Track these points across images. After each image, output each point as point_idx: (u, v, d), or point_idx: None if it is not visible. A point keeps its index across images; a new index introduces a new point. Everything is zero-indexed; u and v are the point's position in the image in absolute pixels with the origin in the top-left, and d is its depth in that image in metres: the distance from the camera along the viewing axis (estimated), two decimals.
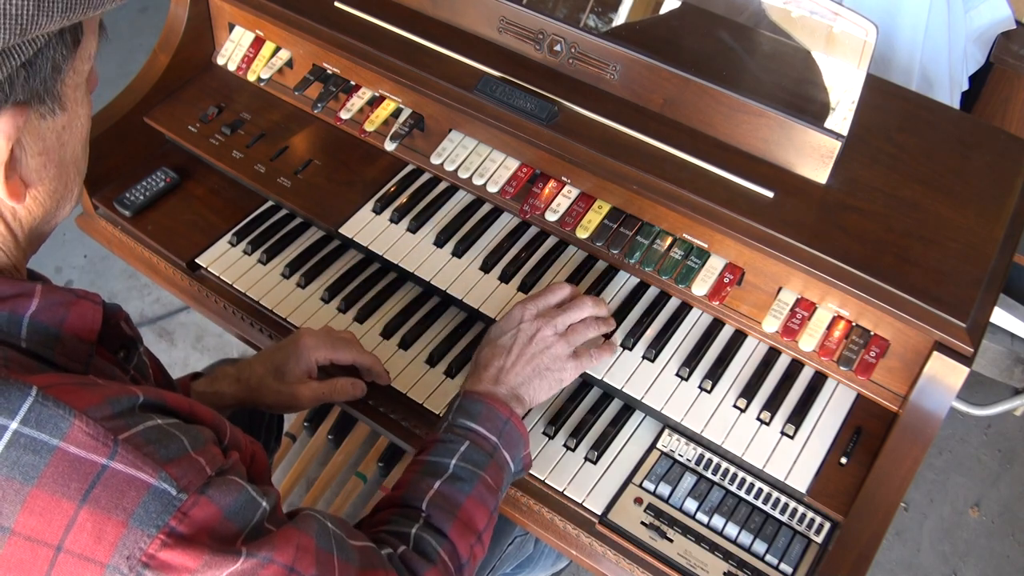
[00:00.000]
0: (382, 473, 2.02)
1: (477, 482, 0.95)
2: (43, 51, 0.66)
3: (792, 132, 1.13)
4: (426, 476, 0.95)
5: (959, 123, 1.27)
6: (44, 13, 0.62)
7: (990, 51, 1.87)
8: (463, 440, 0.98)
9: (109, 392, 0.67)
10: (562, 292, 1.16)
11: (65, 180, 0.76)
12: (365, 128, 1.33)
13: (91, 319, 0.75)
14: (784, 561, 1.02)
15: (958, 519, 2.17)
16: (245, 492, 0.70)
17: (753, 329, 1.18)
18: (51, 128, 0.71)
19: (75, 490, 0.62)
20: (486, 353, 1.09)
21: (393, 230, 1.30)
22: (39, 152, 0.71)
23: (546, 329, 1.09)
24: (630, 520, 1.06)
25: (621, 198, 1.21)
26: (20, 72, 0.65)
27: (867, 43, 1.08)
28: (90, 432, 0.63)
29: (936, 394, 1.03)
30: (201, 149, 1.42)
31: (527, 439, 1.04)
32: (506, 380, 1.05)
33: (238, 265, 1.32)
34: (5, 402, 0.63)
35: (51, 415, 0.63)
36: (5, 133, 0.66)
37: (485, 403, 1.01)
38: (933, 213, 1.12)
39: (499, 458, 0.99)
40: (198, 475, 0.67)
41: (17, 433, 0.62)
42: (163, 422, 0.68)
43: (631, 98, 1.23)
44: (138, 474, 0.64)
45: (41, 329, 0.70)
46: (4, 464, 0.62)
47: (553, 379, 1.09)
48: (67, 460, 0.63)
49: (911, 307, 1.02)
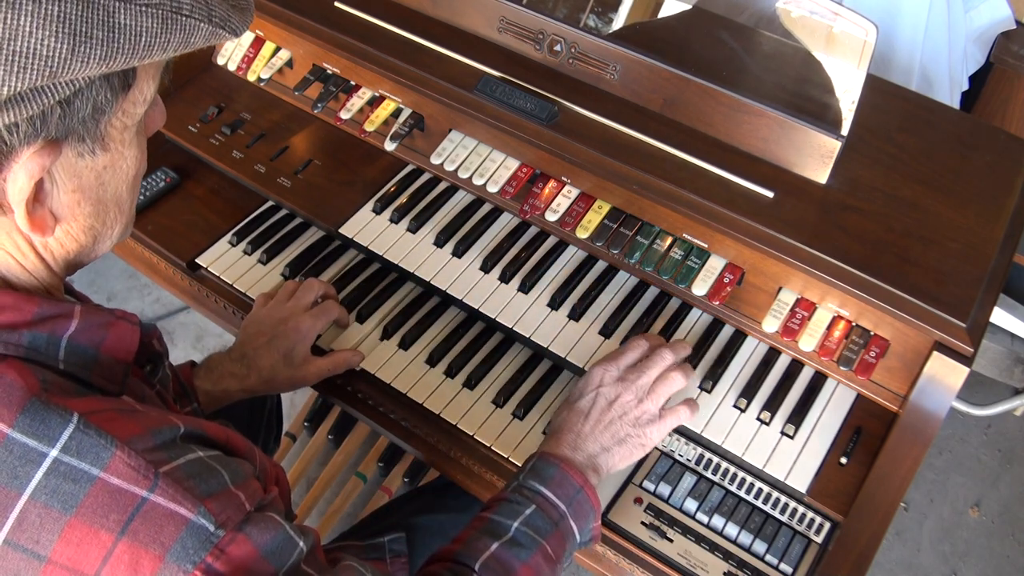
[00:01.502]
0: (382, 473, 2.02)
1: (536, 550, 0.91)
2: (83, 92, 0.63)
3: (792, 132, 1.13)
4: (484, 535, 0.91)
5: (959, 123, 1.27)
6: (79, 59, 0.59)
7: (990, 51, 1.87)
8: (530, 503, 0.94)
9: (151, 422, 0.66)
10: (640, 348, 1.11)
11: (104, 219, 0.74)
12: (365, 128, 1.33)
13: (129, 340, 0.74)
14: (784, 561, 1.02)
15: (958, 519, 2.17)
16: (283, 531, 0.69)
17: (753, 329, 1.18)
18: (89, 167, 0.69)
19: (114, 521, 0.62)
20: (564, 417, 1.05)
21: (393, 230, 1.30)
22: (73, 189, 0.69)
23: (627, 394, 1.05)
24: (630, 520, 1.06)
25: (621, 198, 1.21)
26: (55, 109, 0.62)
27: (867, 43, 1.08)
28: (131, 463, 0.63)
29: (936, 394, 1.03)
30: (201, 149, 1.42)
31: (599, 510, 1.00)
32: (584, 447, 1.01)
33: (238, 265, 1.32)
34: (46, 429, 0.62)
35: (92, 444, 0.62)
36: (28, 170, 0.63)
37: (559, 468, 0.97)
38: (933, 213, 1.12)
39: (564, 528, 0.95)
40: (237, 511, 0.66)
41: (57, 461, 0.62)
42: (204, 454, 0.68)
43: (631, 98, 1.23)
44: (177, 508, 0.63)
45: (79, 351, 0.69)
46: (43, 492, 0.62)
47: (635, 444, 1.04)
48: (107, 491, 0.62)
49: (911, 307, 1.02)
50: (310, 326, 1.16)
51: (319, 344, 1.21)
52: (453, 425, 1.15)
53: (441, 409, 1.16)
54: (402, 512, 1.32)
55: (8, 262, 0.71)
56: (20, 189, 0.64)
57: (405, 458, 2.01)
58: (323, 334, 1.21)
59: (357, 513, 2.04)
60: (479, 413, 1.15)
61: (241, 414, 1.38)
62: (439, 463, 1.16)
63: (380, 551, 1.22)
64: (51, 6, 0.57)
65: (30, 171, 0.63)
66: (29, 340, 0.67)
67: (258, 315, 1.20)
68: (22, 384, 0.63)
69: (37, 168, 0.63)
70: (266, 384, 1.15)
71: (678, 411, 1.07)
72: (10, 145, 0.62)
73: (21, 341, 0.66)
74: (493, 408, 1.16)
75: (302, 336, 1.16)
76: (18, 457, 0.62)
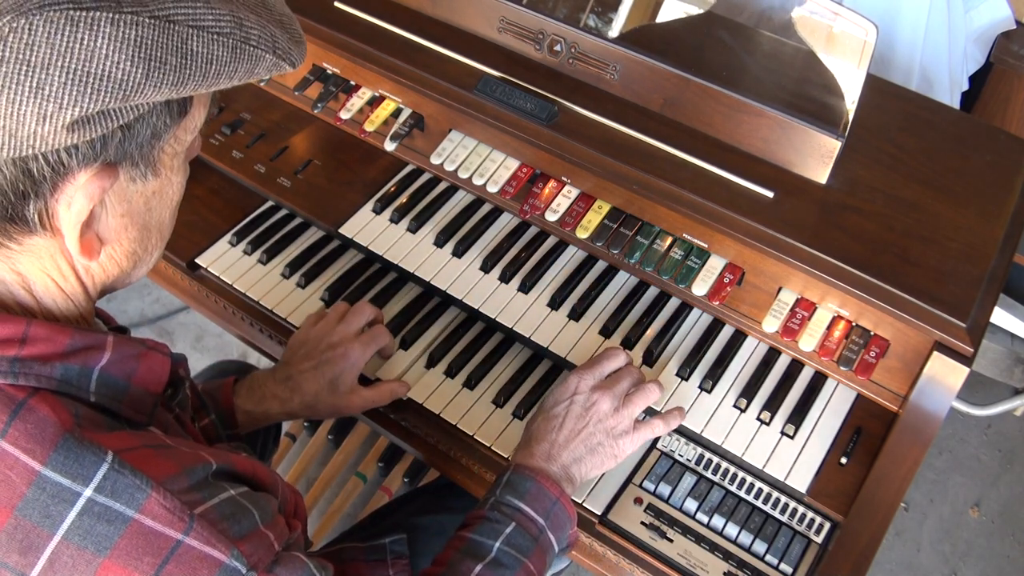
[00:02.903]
0: (382, 473, 2.02)
1: (519, 569, 0.92)
2: (145, 117, 0.64)
3: (792, 132, 1.13)
4: (467, 557, 0.91)
5: (959, 123, 1.27)
6: (152, 84, 0.60)
7: (990, 51, 1.87)
8: (509, 520, 0.94)
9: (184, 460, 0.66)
10: (618, 359, 1.12)
11: (146, 244, 0.74)
12: (365, 128, 1.33)
13: (160, 371, 0.74)
14: (784, 561, 1.02)
15: (958, 519, 2.17)
16: (307, 570, 0.69)
17: (753, 329, 1.18)
18: (139, 192, 0.69)
19: (148, 564, 0.62)
20: (539, 424, 1.05)
21: (393, 230, 1.30)
22: (122, 214, 0.69)
23: (603, 402, 1.04)
24: (630, 520, 1.06)
25: (621, 198, 1.21)
26: (116, 133, 0.63)
27: (867, 43, 1.08)
28: (167, 506, 0.62)
29: (936, 394, 1.03)
30: (201, 149, 1.41)
31: (575, 519, 1.00)
32: (559, 457, 1.01)
33: (238, 265, 1.32)
34: (79, 467, 0.61)
35: (127, 484, 0.62)
36: (88, 193, 0.63)
37: (536, 481, 0.97)
38: (933, 213, 1.12)
39: (544, 542, 0.96)
40: (267, 552, 0.67)
41: (91, 501, 0.61)
42: (235, 492, 0.68)
43: (631, 98, 1.23)
44: (212, 552, 0.63)
45: (111, 383, 0.69)
46: (76, 533, 0.61)
47: (607, 454, 1.04)
48: (142, 533, 0.62)
49: (911, 307, 1.02)
50: (359, 354, 1.13)
51: None
52: (453, 425, 1.15)
53: (441, 409, 1.15)
54: (402, 512, 1.32)
55: (48, 286, 0.70)
56: (78, 212, 0.64)
57: (405, 458, 2.01)
58: None
59: (357, 513, 2.04)
60: (479, 413, 1.15)
61: None
62: (439, 463, 1.16)
63: (381, 552, 1.22)
64: (128, 30, 0.57)
65: (90, 194, 0.63)
66: (61, 373, 0.66)
67: (307, 337, 1.17)
68: (55, 420, 0.62)
69: (98, 191, 0.64)
70: (308, 409, 1.13)
71: (652, 424, 1.07)
72: (68, 167, 0.62)
73: (54, 374, 0.65)
74: (493, 408, 1.16)
75: (351, 364, 1.13)
76: (51, 496, 0.61)
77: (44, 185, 0.62)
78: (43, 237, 0.66)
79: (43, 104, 0.57)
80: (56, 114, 0.57)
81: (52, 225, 0.65)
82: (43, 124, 0.57)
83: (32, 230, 0.65)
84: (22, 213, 0.63)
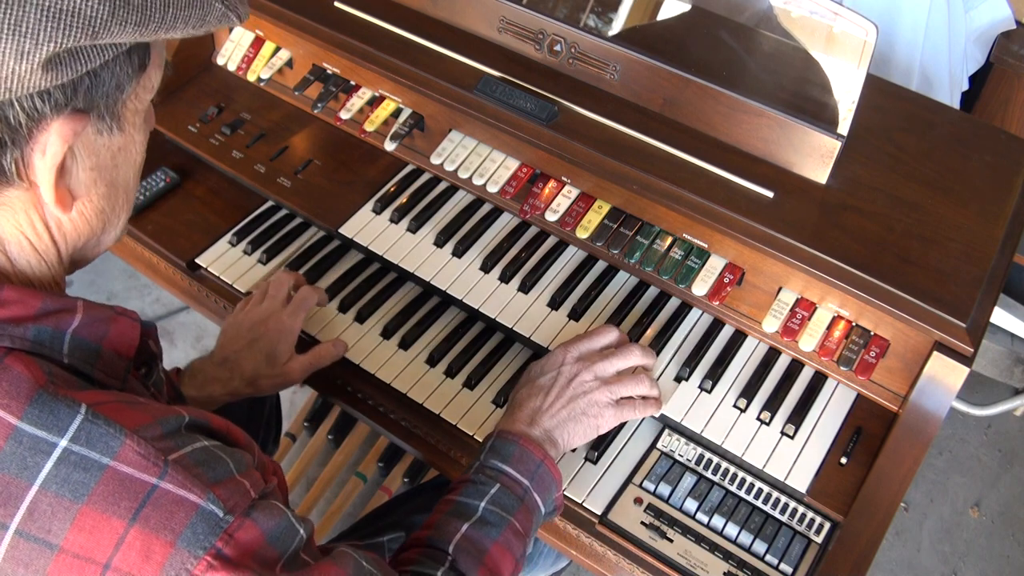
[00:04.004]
0: (382, 473, 2.02)
1: (505, 527, 0.93)
2: (109, 65, 0.67)
3: (792, 132, 1.13)
4: (453, 518, 0.93)
5: (959, 123, 1.27)
6: (117, 22, 0.63)
7: (990, 51, 1.87)
8: (494, 482, 0.96)
9: (157, 412, 0.67)
10: (608, 336, 1.13)
11: (113, 203, 0.76)
12: (365, 128, 1.33)
13: (130, 336, 0.75)
14: (784, 561, 1.02)
15: (958, 519, 2.17)
16: (286, 517, 0.70)
17: (753, 329, 1.18)
18: (106, 146, 0.72)
19: (125, 509, 0.62)
20: (523, 393, 1.07)
21: (393, 230, 1.30)
22: (91, 167, 0.71)
23: (586, 373, 1.06)
24: (630, 520, 1.06)
25: (621, 198, 1.21)
26: (84, 79, 0.66)
27: (867, 43, 1.08)
28: (141, 452, 0.63)
29: (936, 394, 1.03)
30: (201, 149, 1.42)
31: (560, 481, 1.02)
32: (541, 422, 1.03)
33: (238, 265, 1.32)
34: (54, 419, 0.63)
35: (101, 433, 0.63)
36: (62, 135, 0.66)
37: (519, 444, 0.99)
38: (933, 213, 1.12)
39: (530, 502, 0.97)
40: (243, 497, 0.67)
41: (67, 451, 0.62)
42: (208, 443, 0.69)
43: (631, 98, 1.23)
44: (187, 495, 0.64)
45: (83, 345, 0.70)
46: (53, 481, 0.62)
47: (589, 424, 1.05)
48: (118, 479, 0.63)
49: (911, 307, 1.02)
50: (289, 323, 1.15)
51: (317, 337, 1.21)
52: (453, 425, 1.15)
53: (441, 409, 1.16)
54: (401, 511, 1.32)
55: (23, 244, 0.71)
56: (53, 154, 0.66)
57: (405, 458, 2.01)
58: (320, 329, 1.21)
59: (357, 513, 2.04)
60: (479, 413, 1.15)
61: (240, 414, 1.38)
62: (439, 463, 1.16)
63: (380, 550, 1.22)
64: None
65: (64, 135, 0.66)
66: (34, 334, 0.67)
67: (236, 319, 1.19)
68: (29, 376, 0.64)
69: (70, 134, 0.66)
70: (250, 386, 1.14)
71: (635, 404, 1.09)
72: (41, 113, 0.64)
73: (26, 335, 0.67)
74: (493, 408, 1.16)
75: (283, 333, 1.15)
76: (27, 448, 0.62)
77: (20, 132, 0.65)
78: (18, 188, 0.68)
79: (21, 40, 0.60)
80: (33, 51, 0.60)
81: (28, 176, 0.67)
82: (21, 62, 0.60)
83: (9, 181, 0.67)
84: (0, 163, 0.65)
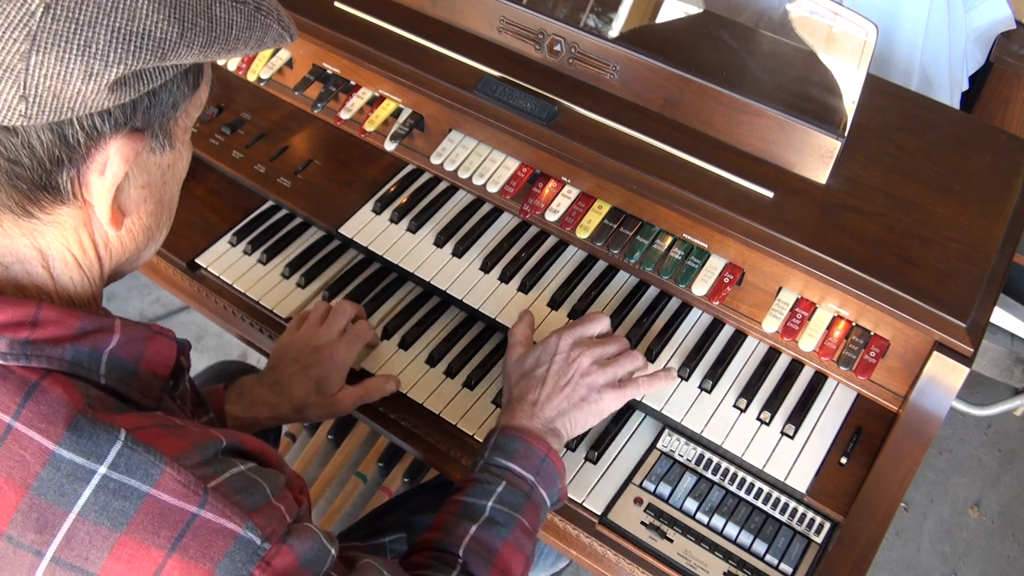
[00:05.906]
0: (382, 473, 2.02)
1: (514, 526, 0.93)
2: (168, 85, 0.67)
3: (792, 132, 1.13)
4: (462, 519, 0.93)
5: (959, 123, 1.27)
6: (185, 44, 0.63)
7: (990, 51, 1.87)
8: (500, 480, 0.96)
9: (196, 438, 0.67)
10: (602, 323, 1.13)
11: (159, 219, 0.76)
12: (365, 128, 1.33)
13: (167, 355, 0.75)
14: (784, 561, 1.02)
15: (958, 519, 2.17)
16: (318, 540, 0.70)
17: (753, 329, 1.18)
18: (157, 164, 0.71)
19: (165, 538, 0.62)
20: (521, 385, 1.06)
21: (393, 230, 1.30)
22: (142, 185, 0.71)
23: (583, 358, 1.06)
24: (630, 520, 1.06)
25: (621, 198, 1.21)
26: (144, 99, 0.65)
27: (867, 43, 1.08)
28: (181, 480, 0.63)
29: (936, 394, 1.03)
30: (201, 149, 1.41)
31: (563, 472, 1.01)
32: (542, 414, 1.02)
33: (238, 265, 1.32)
34: (93, 445, 0.62)
35: (141, 460, 0.63)
36: (123, 155, 0.65)
37: (522, 440, 0.99)
38: (933, 213, 1.12)
39: (536, 497, 0.97)
40: (280, 523, 0.67)
41: (106, 478, 0.62)
42: (245, 468, 0.69)
43: (631, 98, 1.23)
44: (227, 523, 0.64)
45: (120, 365, 0.70)
46: (92, 509, 0.62)
47: (591, 410, 1.05)
48: (158, 508, 0.62)
49: (911, 307, 1.02)
50: (344, 354, 1.14)
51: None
52: (453, 425, 1.15)
53: (441, 409, 1.16)
54: (402, 511, 1.32)
55: (67, 261, 0.71)
56: (114, 175, 0.66)
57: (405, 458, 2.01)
58: None
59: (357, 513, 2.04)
60: (479, 413, 1.15)
61: None
62: (439, 463, 1.16)
63: (381, 551, 1.22)
64: None
65: (125, 156, 0.66)
66: (72, 355, 0.66)
67: (291, 341, 1.17)
68: (67, 400, 0.63)
69: (131, 154, 0.66)
70: (297, 413, 1.13)
71: (638, 382, 1.08)
72: (100, 132, 0.64)
73: (64, 356, 0.66)
74: (493, 408, 1.16)
75: (336, 365, 1.13)
76: (65, 474, 0.61)
77: (78, 151, 0.64)
78: (71, 207, 0.67)
79: (90, 61, 0.59)
80: (102, 72, 0.60)
81: (82, 195, 0.67)
82: (88, 82, 0.60)
83: (63, 199, 0.66)
84: (55, 181, 0.64)
